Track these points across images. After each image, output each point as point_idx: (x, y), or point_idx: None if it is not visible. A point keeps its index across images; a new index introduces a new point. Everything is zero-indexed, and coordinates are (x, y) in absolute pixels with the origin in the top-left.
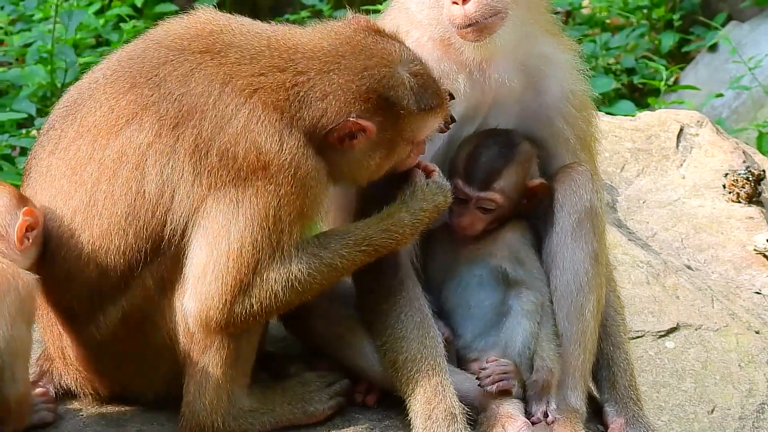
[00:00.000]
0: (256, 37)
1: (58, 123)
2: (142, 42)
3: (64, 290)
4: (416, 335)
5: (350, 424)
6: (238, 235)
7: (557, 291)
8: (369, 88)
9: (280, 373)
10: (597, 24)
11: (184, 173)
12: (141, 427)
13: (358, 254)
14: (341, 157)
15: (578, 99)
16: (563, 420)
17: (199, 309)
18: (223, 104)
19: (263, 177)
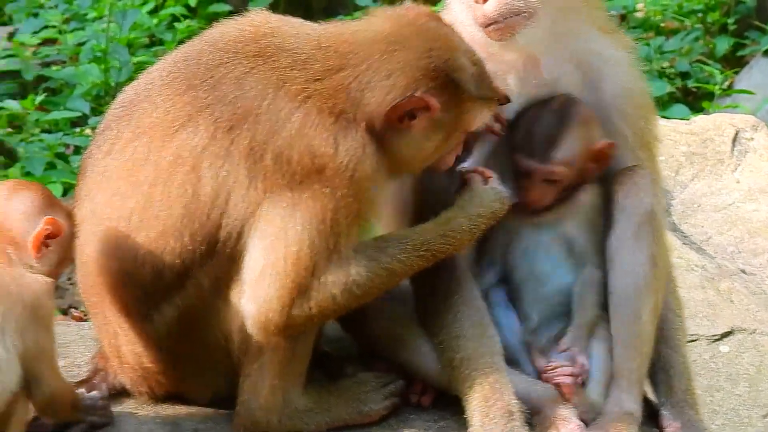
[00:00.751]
0: (306, 39)
1: (114, 123)
2: (198, 43)
3: (120, 290)
4: (473, 334)
5: (405, 424)
6: (295, 238)
7: (615, 293)
8: (436, 67)
9: (336, 373)
10: (651, 27)
11: (239, 177)
12: (196, 425)
13: (416, 259)
14: (398, 141)
15: (636, 97)
16: (618, 423)
17: (257, 312)
18: (276, 108)
19: (319, 180)
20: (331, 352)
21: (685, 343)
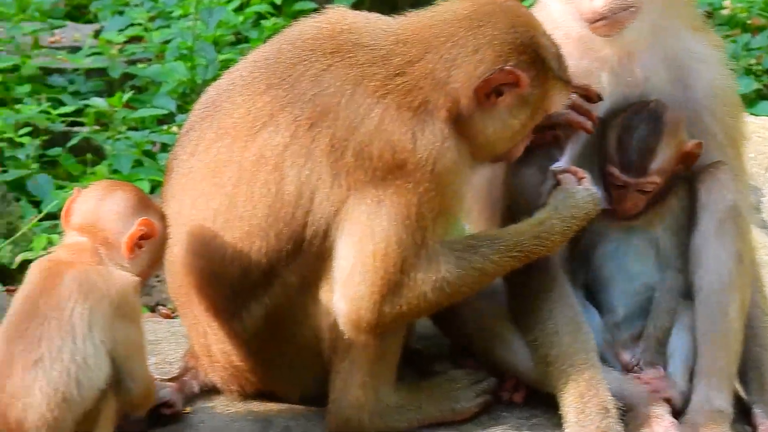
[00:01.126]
0: (384, 34)
1: (197, 124)
2: (277, 42)
3: (208, 289)
4: (568, 330)
5: (497, 422)
6: (382, 234)
7: (701, 291)
8: (523, 42)
9: (427, 371)
10: (738, 24)
11: (322, 174)
12: (287, 423)
13: (509, 260)
14: (485, 120)
15: (726, 95)
16: (709, 422)
17: (349, 310)
18: (355, 104)
19: (401, 175)
20: (421, 349)
21: None
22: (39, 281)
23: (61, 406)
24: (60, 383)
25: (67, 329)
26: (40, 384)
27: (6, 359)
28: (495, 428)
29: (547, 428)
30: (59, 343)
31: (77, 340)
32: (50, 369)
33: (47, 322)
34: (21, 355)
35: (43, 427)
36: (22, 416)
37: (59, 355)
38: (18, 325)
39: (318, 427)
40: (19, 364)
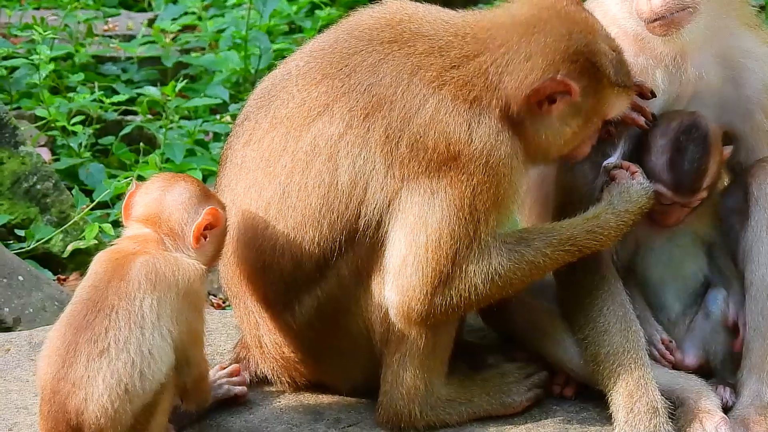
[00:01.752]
0: (444, 26)
1: (252, 114)
2: (333, 32)
3: (260, 280)
4: (618, 329)
5: (547, 415)
6: (435, 226)
7: (753, 285)
8: (576, 50)
9: (478, 364)
10: None
11: (376, 164)
12: (338, 415)
13: (561, 253)
14: (537, 126)
15: None
16: (760, 416)
17: (400, 301)
18: (411, 94)
19: (455, 167)
20: (473, 342)
21: None
22: (106, 271)
23: (123, 398)
24: (124, 375)
25: (136, 320)
26: (103, 375)
27: (71, 348)
28: (545, 421)
29: (596, 423)
30: (126, 334)
31: (146, 331)
32: (115, 360)
33: (115, 312)
34: (86, 344)
35: (102, 417)
36: (82, 406)
37: (126, 346)
38: (85, 315)
39: (368, 419)
40: (83, 353)
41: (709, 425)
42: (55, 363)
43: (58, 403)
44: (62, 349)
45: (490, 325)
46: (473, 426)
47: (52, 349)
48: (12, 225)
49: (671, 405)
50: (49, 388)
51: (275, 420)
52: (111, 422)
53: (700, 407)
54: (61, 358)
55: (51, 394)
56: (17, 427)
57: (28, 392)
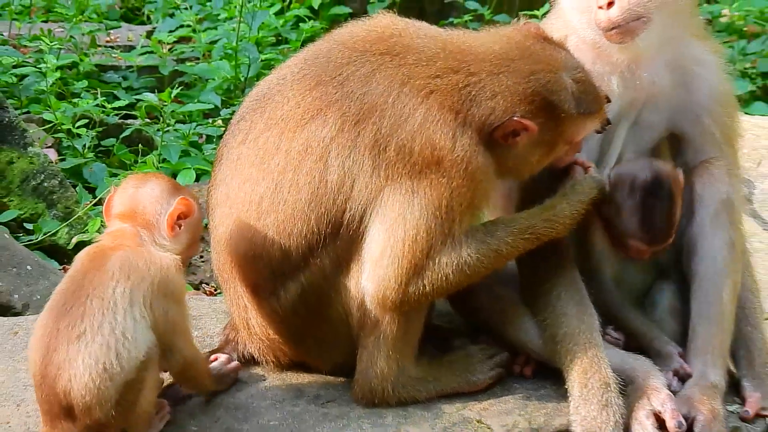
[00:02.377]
0: (433, 40)
1: (248, 115)
2: (327, 42)
3: (249, 267)
4: (575, 312)
5: (509, 392)
6: (413, 222)
7: (698, 276)
8: (534, 91)
9: (446, 346)
10: (735, 31)
11: (364, 166)
12: (318, 392)
13: (522, 242)
14: (506, 153)
15: (724, 97)
16: (703, 395)
17: (376, 289)
18: (401, 103)
19: (437, 171)
20: (441, 326)
21: (763, 321)
22: (84, 264)
23: (102, 375)
24: (100, 355)
25: (108, 306)
26: (82, 356)
27: (53, 334)
28: (507, 398)
29: (553, 399)
30: (100, 319)
31: (117, 315)
32: (92, 342)
33: (90, 300)
34: (65, 330)
35: (87, 395)
36: (68, 387)
37: (100, 329)
38: (64, 304)
39: (345, 395)
40: (64, 338)
41: (656, 401)
42: (41, 350)
43: (49, 387)
44: (45, 337)
45: (457, 311)
46: (441, 402)
47: (37, 337)
48: (21, 219)
49: (622, 382)
50: (39, 374)
51: (260, 397)
52: (96, 399)
53: (648, 385)
54: (45, 345)
55: (41, 379)
56: (24, 403)
57: None
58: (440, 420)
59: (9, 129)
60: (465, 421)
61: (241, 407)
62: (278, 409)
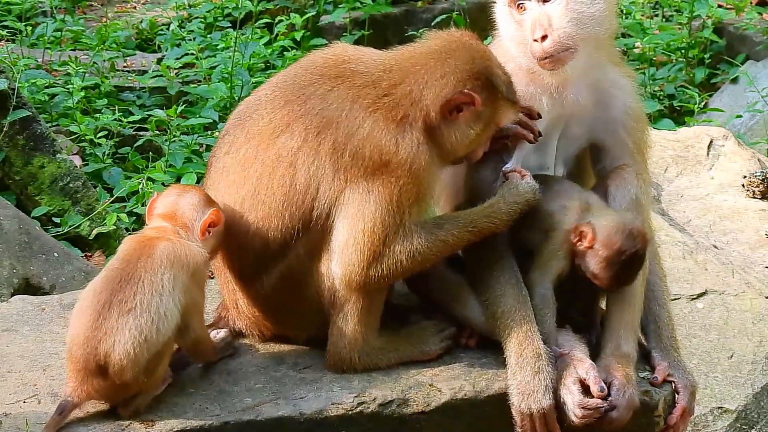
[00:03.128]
0: (375, 64)
1: (231, 130)
2: (294, 68)
3: (236, 257)
4: (512, 293)
5: (456, 361)
6: (370, 216)
7: None
8: (478, 71)
9: (404, 321)
10: (646, 60)
11: (325, 170)
12: (296, 360)
13: (466, 234)
14: (447, 131)
15: (636, 114)
16: (618, 364)
17: (343, 273)
18: (352, 116)
19: (386, 172)
20: (400, 304)
21: (669, 301)
22: (135, 250)
23: (142, 345)
24: (144, 328)
25: (157, 289)
26: (129, 327)
27: (105, 306)
28: (454, 365)
29: (494, 367)
30: (149, 298)
31: (163, 297)
32: (139, 317)
33: (142, 281)
34: (118, 303)
35: (125, 359)
36: (110, 350)
37: (148, 307)
38: (119, 281)
39: (319, 363)
40: (116, 310)
41: (581, 369)
42: (91, 316)
43: (91, 347)
44: (99, 306)
45: (413, 291)
46: (399, 368)
47: (87, 305)
48: (51, 214)
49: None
50: (83, 335)
51: (248, 364)
52: (131, 363)
53: (573, 356)
54: (97, 313)
55: (85, 340)
56: (50, 369)
57: (59, 342)
58: (399, 384)
59: (41, 139)
60: (419, 384)
61: (232, 372)
62: (263, 374)
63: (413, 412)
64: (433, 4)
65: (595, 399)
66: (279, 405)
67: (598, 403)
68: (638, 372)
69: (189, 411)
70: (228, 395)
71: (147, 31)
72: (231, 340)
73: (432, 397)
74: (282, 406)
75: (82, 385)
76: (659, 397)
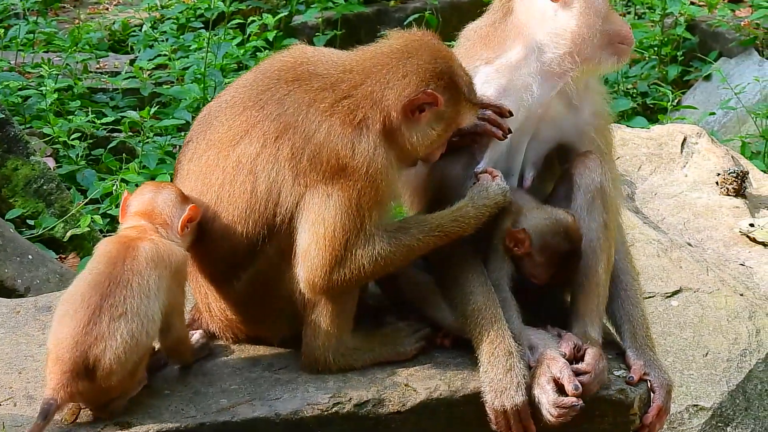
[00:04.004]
0: (334, 66)
1: (194, 137)
2: (253, 73)
3: (206, 261)
4: (481, 291)
5: (431, 360)
6: (331, 221)
7: None
8: (441, 71)
9: (379, 322)
10: None
11: (285, 176)
12: (271, 361)
13: (432, 238)
14: (408, 131)
15: (603, 116)
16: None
17: (306, 277)
18: (309, 121)
19: (343, 176)
20: (374, 305)
21: (643, 300)
22: (119, 251)
23: (133, 349)
24: (136, 332)
25: (146, 291)
26: (121, 332)
27: (96, 310)
28: (429, 365)
29: (468, 366)
30: (138, 302)
31: (150, 300)
32: (131, 321)
33: (130, 285)
34: (108, 308)
35: (114, 363)
36: (101, 354)
37: (138, 311)
38: (108, 285)
39: (294, 364)
40: (107, 315)
41: (555, 368)
42: (81, 320)
43: (81, 351)
44: (89, 310)
45: (387, 293)
46: (374, 369)
47: (75, 308)
48: (25, 216)
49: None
50: (71, 338)
51: (223, 365)
52: (120, 366)
53: (546, 354)
54: (87, 317)
55: (74, 343)
56: (25, 371)
57: (34, 344)
58: (374, 384)
59: (15, 141)
60: (395, 384)
61: (207, 374)
62: (238, 375)
63: (389, 412)
64: (405, 3)
65: (570, 398)
66: (255, 406)
67: (573, 402)
68: (614, 371)
69: (165, 413)
70: (203, 397)
71: (120, 32)
72: (206, 342)
73: (407, 397)
74: (258, 407)
75: (67, 387)
76: (635, 396)
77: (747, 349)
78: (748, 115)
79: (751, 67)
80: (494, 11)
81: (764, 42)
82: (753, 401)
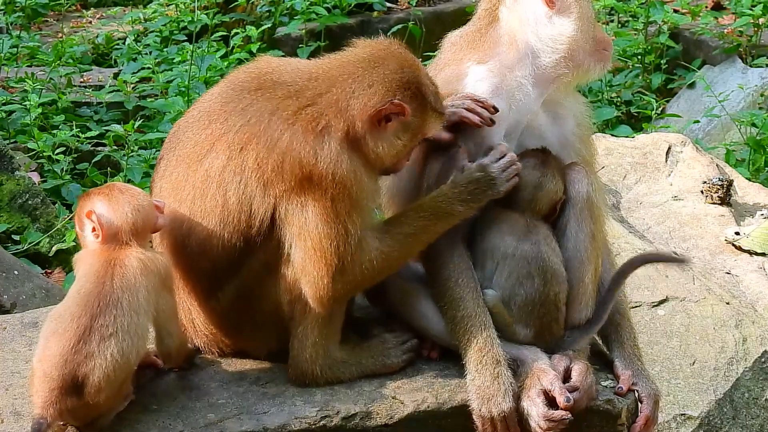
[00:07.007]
0: (299, 74)
1: (165, 154)
2: (219, 86)
3: (187, 277)
4: (470, 297)
5: (419, 373)
6: (315, 232)
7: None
8: (408, 81)
9: (365, 334)
10: None
11: (254, 187)
12: (258, 374)
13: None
14: (374, 141)
15: (585, 126)
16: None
17: (312, 292)
18: (271, 130)
19: (311, 185)
20: (361, 317)
21: (630, 310)
22: (107, 269)
23: (123, 367)
24: (127, 351)
25: (135, 308)
26: (111, 351)
27: (86, 330)
28: (417, 377)
29: (456, 377)
30: (129, 320)
31: (140, 317)
32: (122, 341)
33: (120, 304)
34: (99, 329)
35: (103, 381)
36: (90, 372)
37: (128, 330)
38: (98, 305)
39: (281, 377)
40: (97, 335)
41: (545, 381)
42: (71, 340)
43: (70, 369)
44: (79, 329)
45: (374, 304)
46: (362, 382)
47: (65, 328)
48: (10, 231)
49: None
50: (60, 356)
51: (209, 379)
52: (109, 384)
53: (536, 367)
54: (77, 336)
55: (63, 362)
56: (12, 387)
57: (20, 360)
58: (362, 397)
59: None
60: (382, 397)
61: (194, 388)
62: (225, 389)
63: (376, 425)
64: (388, 14)
65: (560, 411)
66: (242, 420)
67: (563, 415)
68: (601, 381)
69: (152, 428)
70: (191, 411)
71: (103, 45)
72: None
73: (395, 410)
74: (245, 421)
75: (55, 404)
76: (622, 406)
77: (734, 357)
78: (732, 122)
79: (734, 74)
80: (480, 19)
81: (747, 50)
82: (740, 410)
